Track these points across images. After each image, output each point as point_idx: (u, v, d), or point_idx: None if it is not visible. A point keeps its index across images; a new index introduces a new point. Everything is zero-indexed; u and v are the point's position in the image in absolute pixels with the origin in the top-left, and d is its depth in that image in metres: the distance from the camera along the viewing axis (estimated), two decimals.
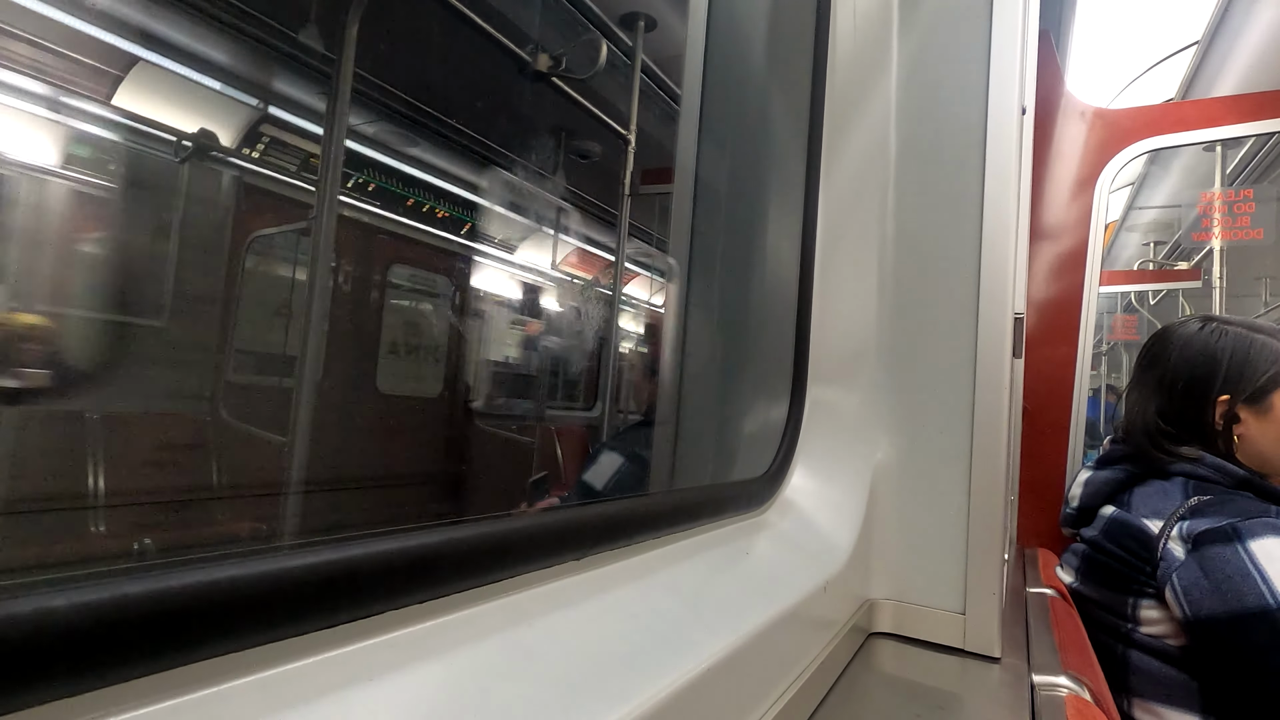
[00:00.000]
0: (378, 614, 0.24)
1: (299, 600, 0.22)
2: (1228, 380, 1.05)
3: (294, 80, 2.46)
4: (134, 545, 1.94)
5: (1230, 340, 1.08)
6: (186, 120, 2.18)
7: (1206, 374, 1.06)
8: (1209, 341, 1.08)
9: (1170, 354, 1.11)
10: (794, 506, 0.65)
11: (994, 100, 0.70)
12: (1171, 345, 1.11)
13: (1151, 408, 1.10)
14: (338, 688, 0.22)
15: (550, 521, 0.34)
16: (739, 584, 0.49)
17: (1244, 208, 1.92)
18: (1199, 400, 1.06)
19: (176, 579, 0.19)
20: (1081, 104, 1.78)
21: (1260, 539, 0.87)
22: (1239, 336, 1.08)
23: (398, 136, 2.92)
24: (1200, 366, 1.07)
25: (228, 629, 0.20)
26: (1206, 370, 1.06)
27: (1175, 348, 1.11)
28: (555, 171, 3.34)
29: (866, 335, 0.72)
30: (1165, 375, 1.10)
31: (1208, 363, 1.07)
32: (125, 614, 0.18)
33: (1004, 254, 0.68)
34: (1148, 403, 1.10)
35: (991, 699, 0.55)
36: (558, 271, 4.00)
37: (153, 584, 0.19)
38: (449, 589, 0.27)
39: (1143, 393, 1.12)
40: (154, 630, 0.19)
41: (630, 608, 0.35)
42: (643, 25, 2.37)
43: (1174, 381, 1.08)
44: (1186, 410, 1.07)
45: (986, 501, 0.65)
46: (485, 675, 0.26)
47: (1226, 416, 1.05)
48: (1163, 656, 0.96)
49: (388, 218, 3.06)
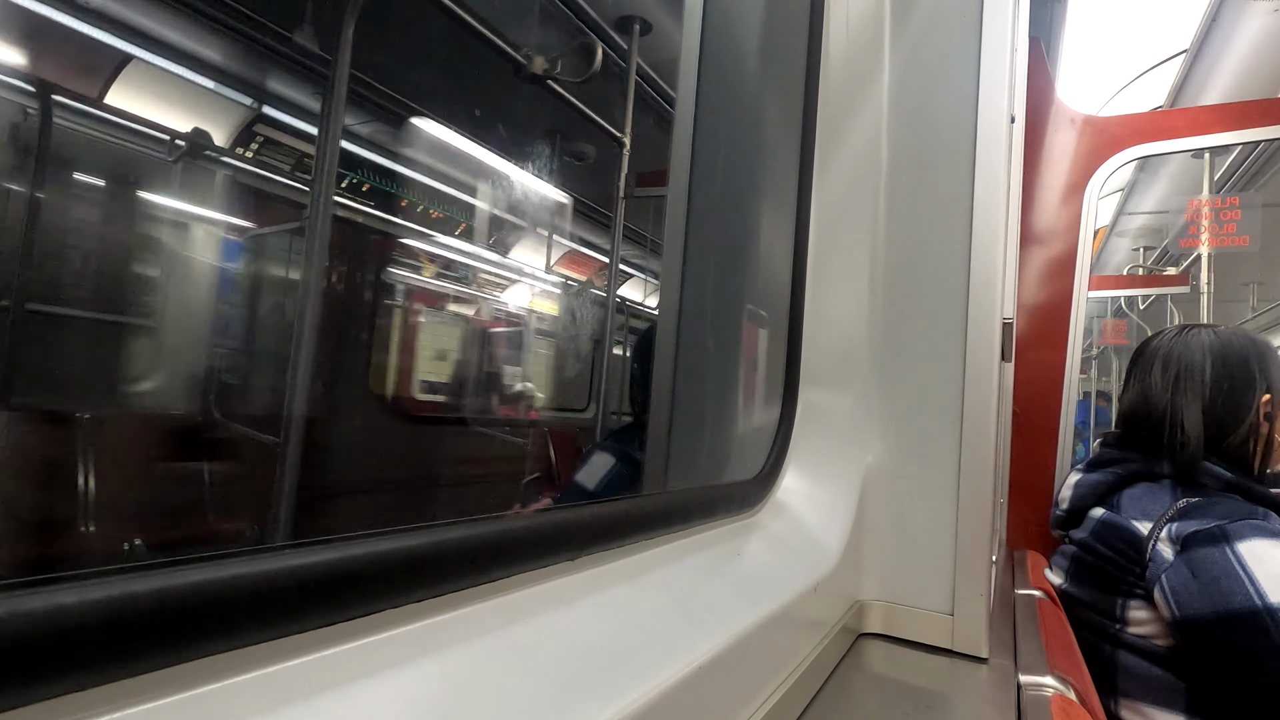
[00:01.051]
0: (378, 612, 0.25)
1: (300, 598, 0.22)
2: (1263, 378, 1.07)
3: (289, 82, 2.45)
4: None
5: (1248, 342, 1.10)
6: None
7: (1246, 375, 1.07)
8: (1236, 344, 1.10)
9: (1203, 361, 1.10)
10: (786, 508, 0.66)
11: (984, 109, 0.71)
12: (1196, 353, 1.11)
13: (1199, 417, 1.08)
14: (339, 684, 0.23)
15: (546, 522, 0.35)
16: (730, 585, 0.49)
17: (1230, 215, 1.95)
18: (1246, 402, 1.07)
19: (180, 576, 0.20)
20: (1071, 111, 1.80)
21: (1248, 540, 0.88)
22: (1250, 338, 1.11)
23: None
24: (1239, 369, 1.08)
25: (231, 626, 0.21)
26: (1245, 371, 1.07)
27: (1204, 354, 1.11)
28: (551, 173, 3.35)
29: (858, 339, 0.73)
30: (1207, 381, 1.09)
31: (1243, 364, 1.08)
32: (130, 610, 0.19)
33: (993, 260, 0.69)
34: (1194, 412, 1.09)
35: (978, 699, 0.56)
36: (554, 274, 4.00)
37: (157, 581, 0.19)
38: (447, 587, 0.28)
39: (1187, 404, 1.09)
40: (158, 627, 0.19)
41: (624, 607, 0.36)
42: (638, 29, 2.38)
43: (1218, 386, 1.08)
44: (1234, 414, 1.07)
45: (975, 504, 0.66)
46: (482, 672, 0.26)
47: (1270, 415, 1.07)
48: (1150, 657, 0.98)
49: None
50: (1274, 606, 0.82)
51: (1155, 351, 1.17)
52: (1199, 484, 1.04)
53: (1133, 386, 1.19)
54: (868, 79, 0.76)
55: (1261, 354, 1.09)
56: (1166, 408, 1.11)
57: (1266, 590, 0.83)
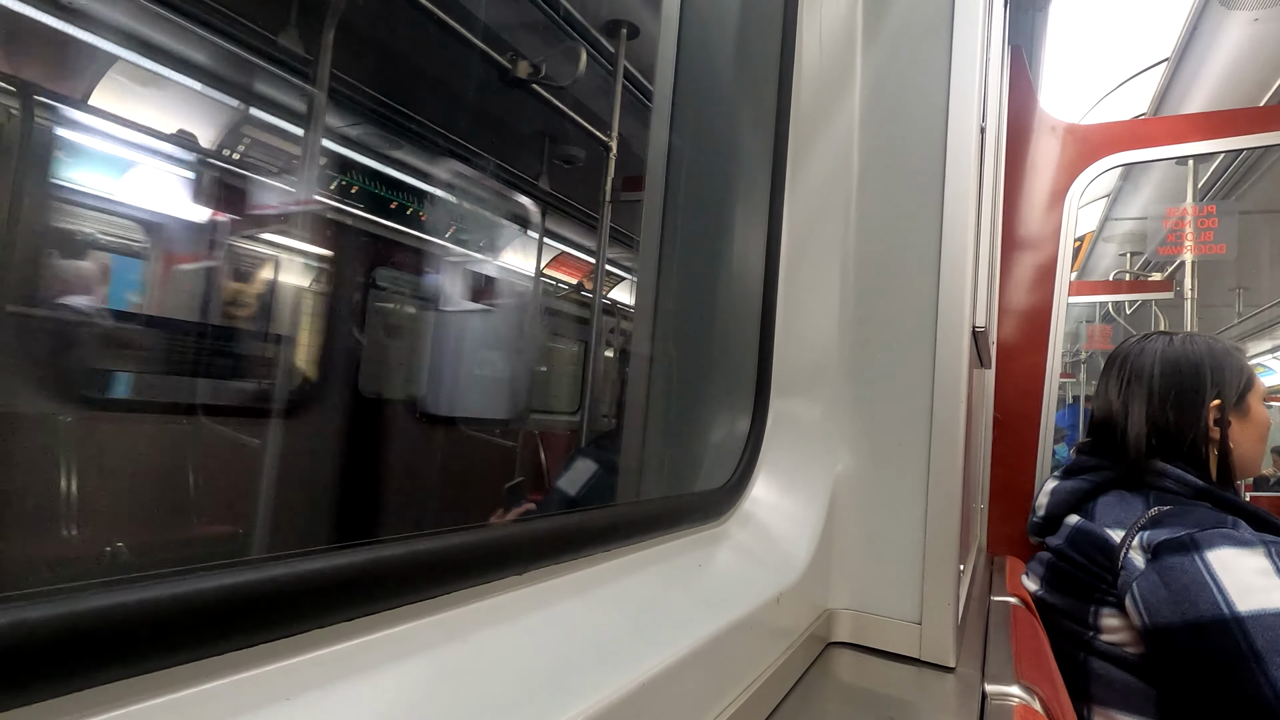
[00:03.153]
0: (299, 633, 0.24)
1: (214, 620, 0.22)
2: (1214, 385, 1.08)
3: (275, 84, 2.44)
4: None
5: (1204, 348, 1.11)
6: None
7: (1195, 382, 1.09)
8: (1187, 351, 1.11)
9: (1152, 366, 1.12)
10: (753, 518, 0.65)
11: (954, 119, 0.71)
12: (1147, 358, 1.13)
13: (1143, 421, 1.10)
14: (253, 708, 0.22)
15: (491, 536, 0.35)
16: (691, 596, 0.49)
17: (1208, 223, 1.97)
18: (1193, 407, 1.08)
19: (81, 601, 0.19)
20: (1053, 119, 1.82)
21: (1217, 549, 0.89)
22: (1208, 344, 1.12)
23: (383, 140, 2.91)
24: (1188, 375, 1.09)
25: (137, 650, 0.20)
26: (1194, 378, 1.09)
27: (1154, 360, 1.12)
28: (539, 177, 3.35)
29: (828, 348, 0.73)
30: (1154, 386, 1.11)
31: (1194, 370, 1.09)
32: (31, 636, 0.19)
33: (962, 269, 0.69)
34: (1138, 416, 1.11)
35: (942, 708, 0.56)
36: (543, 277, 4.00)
37: (56, 607, 0.19)
38: (377, 606, 0.27)
39: (1133, 407, 1.12)
40: (61, 652, 0.19)
41: (570, 622, 0.36)
42: (625, 34, 2.38)
43: (1165, 391, 1.10)
44: (1181, 419, 1.08)
45: (943, 513, 0.66)
46: (409, 694, 0.26)
47: (1220, 421, 1.07)
48: (1122, 664, 0.98)
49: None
50: (1242, 615, 0.83)
51: (1115, 358, 1.19)
52: (1169, 491, 1.05)
53: (1099, 392, 1.21)
54: (839, 89, 0.76)
55: (1217, 361, 1.10)
56: (1119, 411, 1.13)
57: (1235, 599, 0.84)
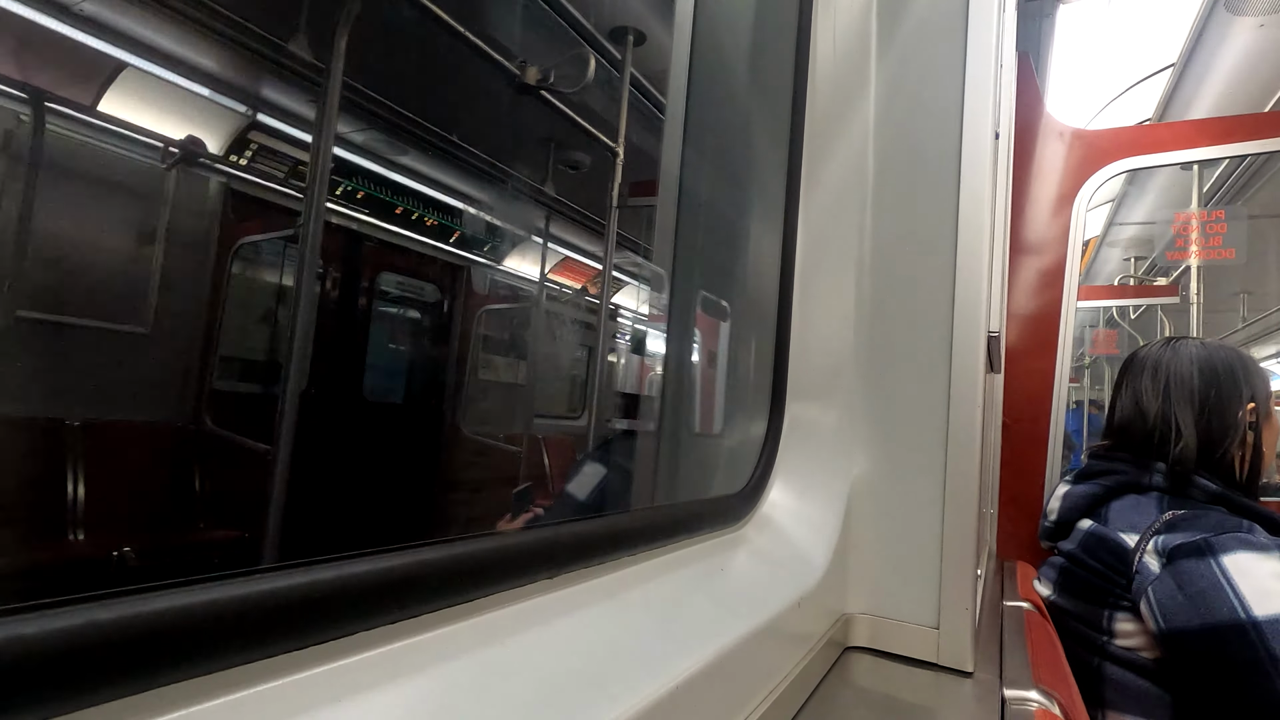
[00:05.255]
0: (350, 635, 0.25)
1: (270, 622, 0.22)
2: (1249, 388, 1.10)
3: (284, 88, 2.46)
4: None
5: (1233, 353, 1.13)
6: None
7: (1233, 387, 1.10)
8: (1217, 355, 1.12)
9: (1190, 369, 1.12)
10: (771, 522, 0.66)
11: (968, 124, 0.71)
12: (1184, 363, 1.13)
13: (1193, 430, 1.10)
14: (309, 708, 0.23)
15: (523, 540, 0.35)
16: (713, 600, 0.49)
17: (1216, 228, 1.97)
18: (1232, 410, 1.09)
19: (147, 603, 0.20)
20: (1060, 125, 1.82)
21: (1232, 553, 0.89)
22: (1235, 350, 1.14)
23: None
24: (1226, 379, 1.10)
25: (198, 652, 0.21)
26: (1231, 383, 1.10)
27: (1192, 364, 1.13)
28: (544, 182, 3.36)
29: (844, 352, 0.73)
30: (1196, 392, 1.11)
31: (1229, 374, 1.10)
32: (96, 638, 0.19)
33: (978, 274, 0.69)
34: (1188, 425, 1.10)
35: (962, 713, 0.56)
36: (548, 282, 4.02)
37: (123, 609, 0.19)
38: (422, 609, 0.28)
39: (1181, 416, 1.10)
40: (125, 654, 0.19)
41: (602, 626, 0.36)
42: (631, 40, 2.39)
43: (1205, 396, 1.10)
44: (1222, 423, 1.09)
45: (960, 517, 0.67)
46: (456, 694, 0.26)
47: (1255, 425, 1.08)
48: (1137, 669, 0.98)
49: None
50: (1259, 619, 0.82)
51: (1144, 361, 1.18)
52: (1187, 496, 1.05)
53: (1124, 395, 1.20)
54: (854, 94, 0.77)
55: (1245, 365, 1.12)
56: (1158, 415, 1.13)
57: (1251, 603, 0.84)
